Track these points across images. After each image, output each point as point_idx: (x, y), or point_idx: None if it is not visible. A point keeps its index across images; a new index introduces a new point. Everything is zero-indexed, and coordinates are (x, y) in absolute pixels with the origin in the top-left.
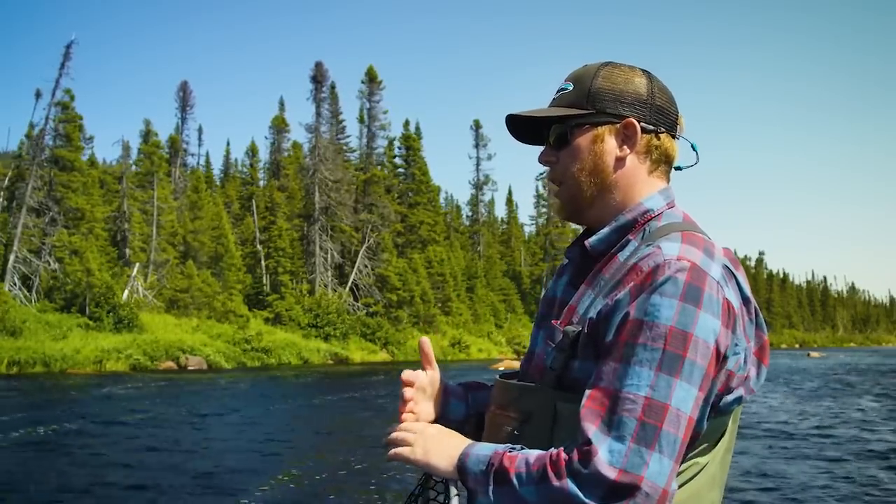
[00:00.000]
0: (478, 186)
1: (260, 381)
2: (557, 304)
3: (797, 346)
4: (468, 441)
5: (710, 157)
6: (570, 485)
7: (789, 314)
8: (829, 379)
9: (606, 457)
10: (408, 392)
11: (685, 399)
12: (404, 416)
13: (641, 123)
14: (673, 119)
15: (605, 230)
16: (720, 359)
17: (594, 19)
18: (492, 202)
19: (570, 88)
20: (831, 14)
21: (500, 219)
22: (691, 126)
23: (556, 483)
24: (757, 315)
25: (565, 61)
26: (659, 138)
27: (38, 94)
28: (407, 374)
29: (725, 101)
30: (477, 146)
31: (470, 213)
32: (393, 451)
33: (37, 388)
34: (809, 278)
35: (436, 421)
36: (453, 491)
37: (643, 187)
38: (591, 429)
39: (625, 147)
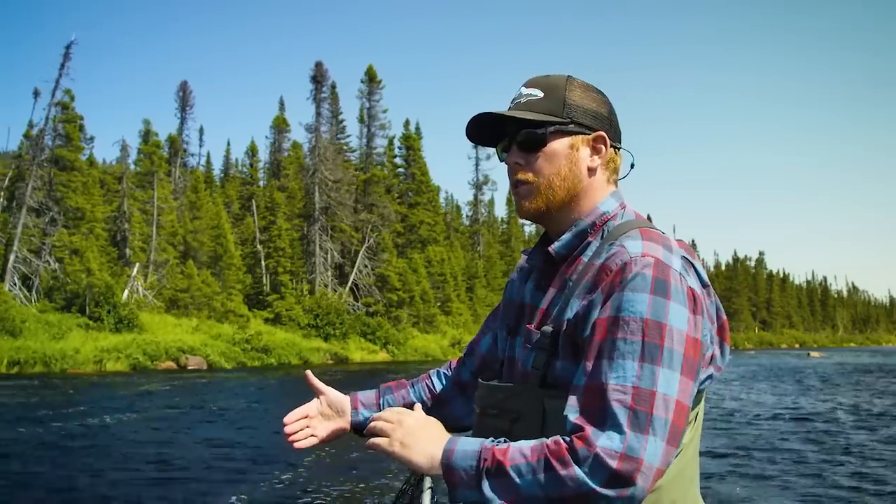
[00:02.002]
0: (477, 186)
1: (260, 381)
2: (528, 309)
3: (797, 345)
4: (447, 435)
5: (710, 158)
6: (577, 472)
7: (789, 314)
8: (830, 378)
9: (607, 444)
10: (287, 429)
11: (670, 384)
12: (299, 444)
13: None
14: (620, 136)
15: (567, 235)
16: (695, 342)
17: (594, 19)
18: (492, 202)
19: (541, 96)
20: (831, 14)
21: (500, 219)
22: (692, 126)
23: (562, 472)
24: (715, 298)
25: (566, 61)
26: (617, 152)
27: (35, 94)
28: (290, 416)
29: (726, 101)
30: (476, 146)
31: (470, 213)
32: (371, 440)
33: (37, 388)
34: (809, 278)
35: (352, 430)
36: (426, 483)
37: (601, 194)
38: (587, 421)
39: (595, 157)
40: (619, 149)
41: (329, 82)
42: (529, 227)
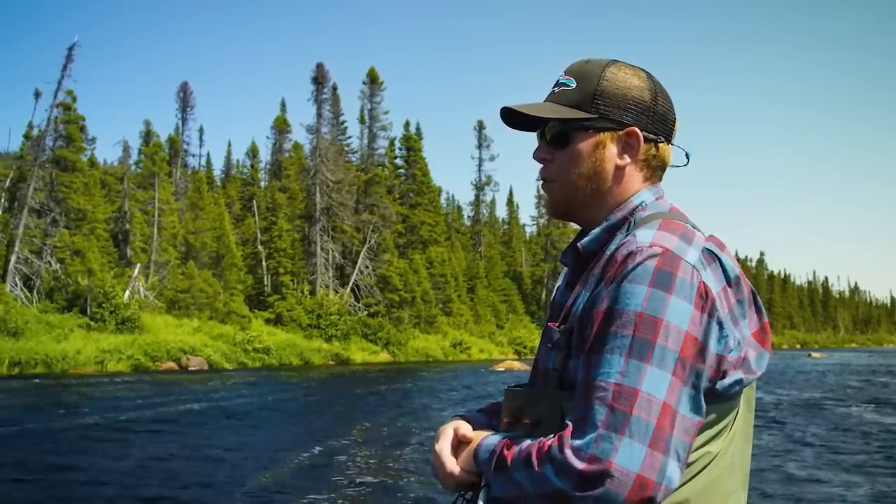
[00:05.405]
0: (479, 187)
1: (261, 382)
2: (556, 308)
3: (798, 346)
4: (486, 432)
5: (711, 157)
6: (547, 471)
7: (790, 314)
8: (829, 378)
9: (578, 444)
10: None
11: (657, 384)
12: None
13: (643, 133)
14: (671, 126)
15: (597, 230)
16: (698, 344)
17: (596, 19)
18: (493, 203)
19: (573, 86)
20: (831, 14)
21: (501, 219)
22: (693, 127)
23: (536, 469)
24: (754, 297)
25: (565, 62)
26: (657, 147)
27: (36, 94)
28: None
29: (726, 102)
30: (480, 147)
31: (471, 214)
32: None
33: (38, 389)
34: (811, 279)
35: None
36: (485, 480)
37: (636, 189)
38: (571, 419)
39: (625, 156)
40: (662, 141)
41: (330, 83)
42: (531, 228)
